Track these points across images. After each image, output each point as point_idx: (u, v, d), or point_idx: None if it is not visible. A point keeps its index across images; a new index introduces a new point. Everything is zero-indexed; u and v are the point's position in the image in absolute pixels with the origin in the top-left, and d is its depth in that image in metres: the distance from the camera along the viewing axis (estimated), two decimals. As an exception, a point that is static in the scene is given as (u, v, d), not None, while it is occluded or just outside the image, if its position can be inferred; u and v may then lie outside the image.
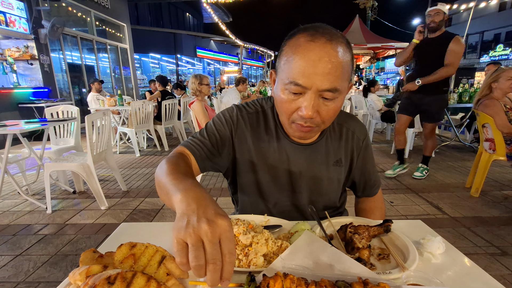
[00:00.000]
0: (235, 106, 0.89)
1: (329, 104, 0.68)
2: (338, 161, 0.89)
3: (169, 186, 0.55)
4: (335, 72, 0.64)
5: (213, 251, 0.40)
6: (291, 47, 0.67)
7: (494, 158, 2.57)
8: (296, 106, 0.69)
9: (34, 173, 3.15)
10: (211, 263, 0.40)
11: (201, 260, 0.40)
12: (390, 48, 10.81)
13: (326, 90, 0.65)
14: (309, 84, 0.65)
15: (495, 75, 2.51)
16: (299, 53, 0.65)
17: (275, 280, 0.48)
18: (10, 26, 5.43)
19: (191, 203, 0.45)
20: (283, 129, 0.85)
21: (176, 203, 0.48)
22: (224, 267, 0.41)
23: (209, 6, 12.85)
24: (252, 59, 29.99)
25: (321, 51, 0.63)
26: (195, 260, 0.39)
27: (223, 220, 0.42)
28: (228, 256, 0.41)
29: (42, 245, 1.98)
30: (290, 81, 0.66)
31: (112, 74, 9.44)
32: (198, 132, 0.86)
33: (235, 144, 0.86)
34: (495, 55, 19.38)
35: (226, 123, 0.85)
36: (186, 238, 0.40)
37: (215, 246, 0.40)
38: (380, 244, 0.69)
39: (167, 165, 0.63)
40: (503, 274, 1.64)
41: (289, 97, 0.69)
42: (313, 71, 0.64)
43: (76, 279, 0.49)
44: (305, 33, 0.66)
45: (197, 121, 3.21)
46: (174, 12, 20.00)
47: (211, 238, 0.40)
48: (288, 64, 0.67)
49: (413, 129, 3.99)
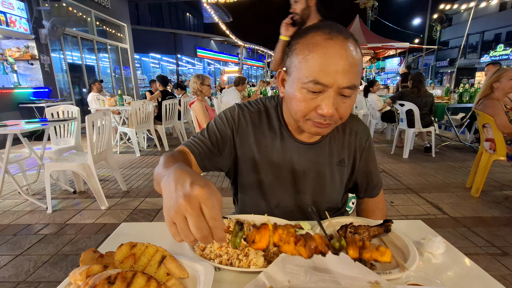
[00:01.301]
0: (237, 106, 0.89)
1: (347, 101, 0.69)
2: (341, 161, 0.89)
3: (158, 176, 0.57)
4: (354, 69, 0.65)
5: (196, 223, 0.41)
6: (306, 45, 0.66)
7: (495, 158, 2.57)
8: (315, 105, 0.68)
9: (34, 173, 3.15)
10: (198, 234, 0.42)
11: (191, 236, 0.42)
12: (390, 48, 10.80)
13: (346, 88, 0.65)
14: (331, 82, 0.64)
15: (496, 75, 2.50)
16: (318, 51, 0.64)
17: (263, 230, 0.48)
18: (10, 26, 5.44)
19: (171, 185, 0.46)
20: (287, 128, 0.84)
21: (162, 189, 0.49)
22: (212, 232, 0.42)
23: (210, 6, 12.85)
24: (252, 59, 29.99)
25: (341, 49, 0.64)
26: (186, 238, 0.42)
27: (200, 190, 0.42)
28: (212, 222, 0.42)
29: (43, 245, 1.98)
30: (310, 80, 0.65)
31: (113, 74, 9.44)
32: (200, 132, 0.86)
33: (237, 143, 0.86)
34: (495, 55, 19.37)
35: (227, 122, 0.85)
36: (173, 220, 0.43)
37: (197, 217, 0.41)
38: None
39: (162, 159, 0.65)
40: (503, 274, 1.64)
41: (307, 96, 0.67)
42: (334, 69, 0.63)
43: (76, 279, 0.49)
44: (320, 31, 0.66)
45: (197, 121, 3.21)
46: (174, 12, 20.00)
47: (190, 212, 0.41)
48: (305, 63, 0.66)
49: (413, 129, 3.99)
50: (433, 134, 4.19)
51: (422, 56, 15.55)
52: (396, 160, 4.03)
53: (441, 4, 12.55)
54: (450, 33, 22.90)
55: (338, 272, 0.54)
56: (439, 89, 7.61)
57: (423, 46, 13.80)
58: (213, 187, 0.44)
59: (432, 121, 4.09)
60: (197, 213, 0.42)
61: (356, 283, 0.51)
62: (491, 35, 21.08)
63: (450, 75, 17.03)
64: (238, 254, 0.62)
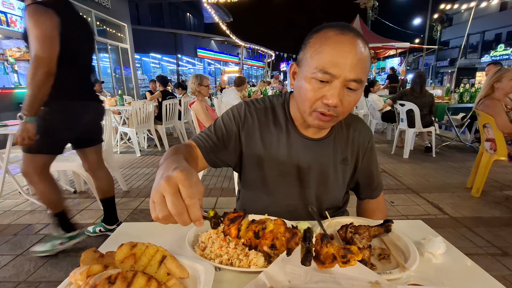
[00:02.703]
0: (244, 102, 0.92)
1: (352, 95, 0.72)
2: (344, 160, 0.91)
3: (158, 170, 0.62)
4: (362, 64, 0.69)
5: (172, 199, 0.45)
6: (319, 39, 0.71)
7: (495, 158, 2.57)
8: (321, 94, 0.71)
9: (35, 173, 3.15)
10: (173, 210, 0.45)
11: (165, 211, 0.45)
12: (391, 48, 10.81)
13: (353, 80, 0.69)
14: (338, 73, 0.68)
15: (498, 75, 2.50)
16: (330, 44, 0.69)
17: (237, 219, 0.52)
18: (11, 26, 5.45)
19: (160, 172, 0.52)
20: (293, 124, 0.87)
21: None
22: (188, 210, 0.45)
23: (210, 6, 12.85)
24: (253, 59, 29.98)
25: (351, 44, 0.68)
26: (159, 212, 0.46)
27: (179, 172, 0.47)
28: (188, 200, 0.45)
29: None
30: (319, 70, 0.69)
31: (113, 74, 9.44)
32: (207, 127, 0.90)
33: (242, 139, 0.88)
34: (496, 55, 19.35)
35: (233, 118, 0.88)
36: (153, 198, 0.47)
37: (173, 195, 0.45)
38: (381, 244, 0.69)
39: (166, 152, 0.70)
40: (504, 274, 1.64)
41: (315, 85, 0.71)
42: (343, 61, 0.67)
43: (77, 278, 0.49)
44: (333, 28, 0.71)
45: (197, 121, 3.21)
46: (174, 12, 19.99)
47: (168, 190, 0.45)
48: (317, 54, 0.70)
49: (413, 129, 3.99)
50: (433, 134, 4.19)
51: (423, 56, 15.55)
52: (397, 160, 4.03)
53: (442, 4, 12.54)
54: (451, 33, 22.89)
55: (339, 272, 0.54)
56: (440, 89, 7.60)
57: (423, 46, 13.80)
58: (193, 173, 0.49)
59: (432, 121, 4.09)
60: (174, 191, 0.46)
61: (357, 283, 0.51)
62: (492, 35, 21.07)
63: (451, 75, 17.02)
64: (238, 254, 0.62)
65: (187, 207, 0.45)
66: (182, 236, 0.70)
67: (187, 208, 0.45)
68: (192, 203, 0.45)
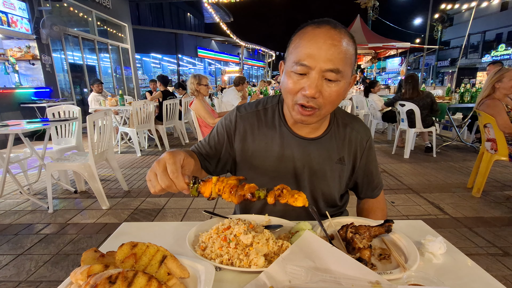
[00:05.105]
0: (237, 108, 0.94)
1: (332, 86, 0.72)
2: (341, 159, 0.91)
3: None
4: (338, 54, 0.69)
5: (161, 176, 0.60)
6: (299, 35, 0.74)
7: (496, 158, 2.56)
8: (300, 87, 0.73)
9: (35, 172, 3.16)
10: (162, 184, 0.60)
11: (158, 186, 0.61)
12: (391, 48, 10.79)
13: (329, 70, 0.70)
14: (313, 64, 0.69)
15: (499, 74, 2.49)
16: (305, 38, 0.71)
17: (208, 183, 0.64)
18: (12, 26, 5.45)
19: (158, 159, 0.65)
20: (286, 124, 0.88)
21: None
22: (174, 183, 0.60)
23: (210, 6, 12.85)
24: (253, 59, 29.96)
25: (325, 35, 0.70)
26: (155, 187, 0.62)
27: (166, 153, 0.63)
28: (171, 175, 0.60)
29: (44, 244, 1.99)
30: (296, 63, 0.71)
31: (114, 74, 9.46)
32: (205, 137, 0.97)
33: (235, 145, 0.91)
34: (497, 55, 19.30)
35: (225, 126, 0.93)
36: (148, 177, 0.63)
37: (162, 172, 0.60)
38: (381, 244, 0.69)
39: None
40: (504, 274, 1.64)
41: (294, 78, 0.73)
42: (317, 52, 0.69)
43: (77, 278, 0.49)
44: (312, 24, 0.73)
45: (198, 121, 3.20)
46: (175, 12, 20.00)
47: (157, 168, 0.61)
48: (295, 49, 0.73)
49: (414, 129, 3.99)
50: (434, 134, 4.18)
51: (423, 56, 15.51)
52: (397, 160, 4.03)
53: (442, 4, 12.53)
54: (451, 33, 22.84)
55: (339, 272, 0.54)
56: (440, 89, 7.59)
57: (424, 46, 13.76)
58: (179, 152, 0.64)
59: (433, 121, 4.08)
60: (162, 169, 0.60)
61: (357, 283, 0.51)
62: (493, 35, 21.01)
63: (451, 75, 17.00)
64: (239, 254, 0.62)
65: (172, 180, 0.59)
66: (182, 236, 0.70)
67: (173, 181, 0.59)
68: (175, 177, 0.60)
